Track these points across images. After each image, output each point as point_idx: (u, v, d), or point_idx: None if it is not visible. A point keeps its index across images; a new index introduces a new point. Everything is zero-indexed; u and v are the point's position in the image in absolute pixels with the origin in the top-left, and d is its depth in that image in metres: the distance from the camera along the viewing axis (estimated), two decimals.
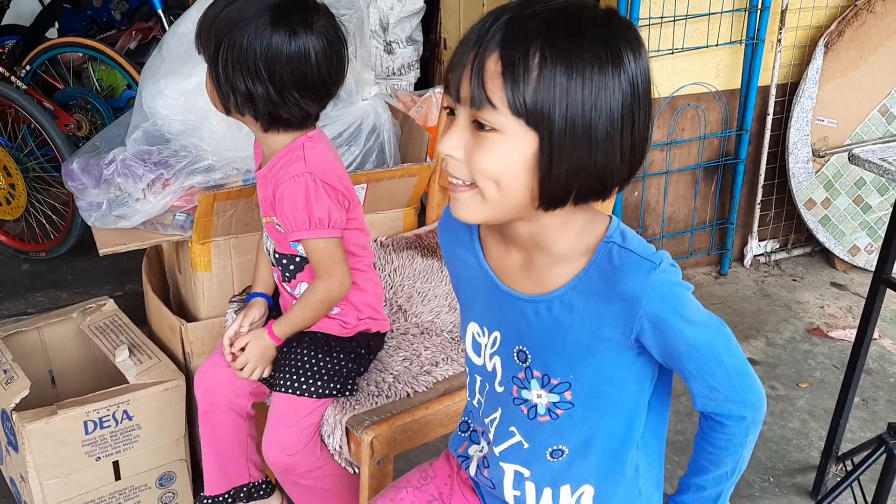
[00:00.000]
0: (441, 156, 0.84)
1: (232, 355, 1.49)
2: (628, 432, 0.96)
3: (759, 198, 3.04)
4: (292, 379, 1.41)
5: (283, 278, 1.50)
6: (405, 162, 1.98)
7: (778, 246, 3.20)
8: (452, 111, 0.84)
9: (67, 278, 2.94)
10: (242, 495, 1.61)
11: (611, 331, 0.88)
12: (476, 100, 0.79)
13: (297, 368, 1.42)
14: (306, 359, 1.43)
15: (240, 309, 1.60)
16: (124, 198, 1.72)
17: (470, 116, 0.81)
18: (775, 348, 2.61)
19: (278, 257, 1.48)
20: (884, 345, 2.63)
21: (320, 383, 1.41)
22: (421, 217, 2.05)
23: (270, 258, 1.52)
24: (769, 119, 2.92)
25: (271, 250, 1.50)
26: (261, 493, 1.63)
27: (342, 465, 1.42)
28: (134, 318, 2.00)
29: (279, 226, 1.41)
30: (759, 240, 3.13)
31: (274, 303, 1.58)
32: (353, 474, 1.42)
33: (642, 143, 0.84)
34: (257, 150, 1.50)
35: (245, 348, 1.46)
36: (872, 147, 1.72)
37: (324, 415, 1.42)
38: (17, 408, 1.67)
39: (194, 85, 1.69)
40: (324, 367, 1.42)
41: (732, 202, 3.03)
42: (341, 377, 1.43)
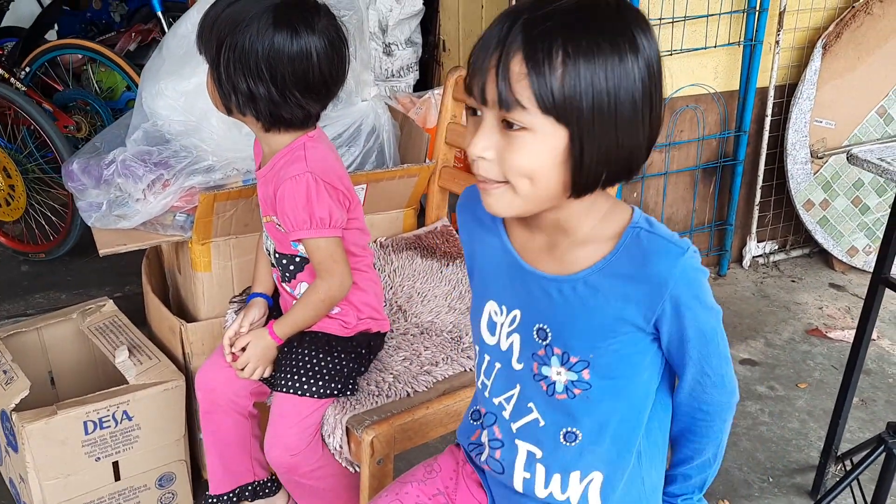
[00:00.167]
0: (472, 158, 0.86)
1: (232, 355, 1.49)
2: (638, 419, 0.99)
3: (758, 199, 3.04)
4: (293, 379, 1.42)
5: (283, 278, 1.50)
6: (405, 163, 1.99)
7: (776, 247, 3.21)
8: (475, 111, 0.86)
9: (67, 279, 2.94)
10: (248, 494, 1.61)
11: (634, 312, 0.91)
12: (505, 102, 0.81)
13: (299, 368, 1.42)
14: (307, 359, 1.43)
15: (240, 309, 1.60)
16: (124, 198, 1.72)
17: (498, 118, 0.83)
18: (774, 349, 2.61)
19: (278, 257, 1.49)
20: (882, 345, 2.63)
21: (321, 383, 1.41)
22: (420, 218, 2.05)
23: (270, 258, 1.52)
24: (767, 120, 2.93)
25: (271, 250, 1.50)
26: (266, 491, 1.62)
27: (342, 464, 1.42)
28: (133, 319, 1.99)
29: (279, 225, 1.41)
30: (758, 241, 3.14)
31: (274, 303, 1.58)
32: (355, 474, 1.43)
33: (658, 119, 0.88)
34: (257, 149, 1.51)
35: (246, 348, 1.46)
36: (871, 147, 1.72)
37: (324, 414, 1.43)
38: (17, 408, 1.67)
39: (194, 86, 1.69)
40: (325, 367, 1.42)
41: (731, 203, 3.04)
42: (342, 377, 1.43)
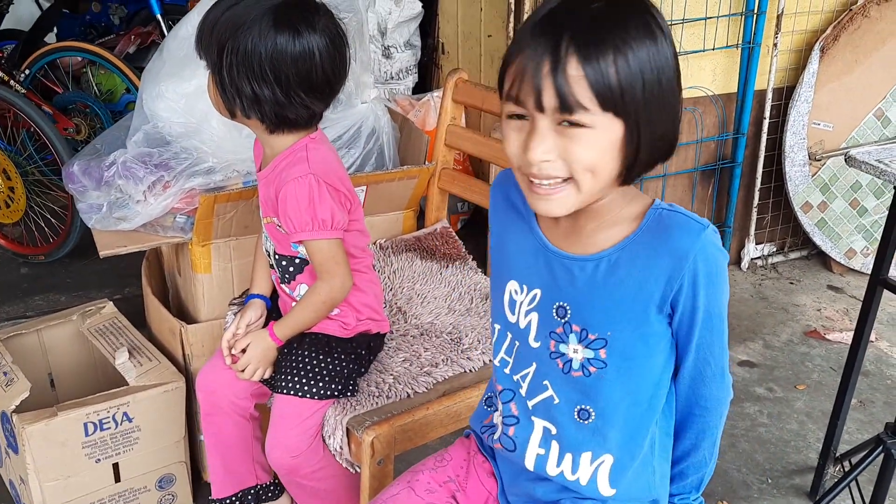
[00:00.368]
0: (534, 163, 0.88)
1: (232, 357, 1.49)
2: (651, 404, 1.01)
3: (756, 201, 3.05)
4: (294, 380, 1.42)
5: (283, 280, 1.51)
6: (404, 165, 1.99)
7: (775, 249, 3.21)
8: (520, 116, 0.88)
9: (66, 281, 2.94)
10: (250, 497, 1.61)
11: (653, 288, 0.94)
12: (566, 107, 0.84)
13: (299, 370, 1.42)
14: (307, 360, 1.43)
15: (240, 311, 1.60)
16: (125, 200, 1.73)
17: (555, 121, 0.86)
18: (773, 351, 2.62)
19: (278, 258, 1.49)
20: (880, 347, 2.64)
21: (322, 384, 1.41)
22: (420, 219, 2.05)
23: (270, 259, 1.52)
24: (766, 123, 2.93)
25: (271, 252, 1.50)
26: (269, 494, 1.62)
27: (343, 465, 1.42)
28: (133, 321, 1.99)
29: (280, 226, 1.41)
30: (756, 243, 3.14)
31: (272, 304, 1.59)
32: (356, 474, 1.43)
33: (681, 93, 0.92)
34: (257, 150, 1.51)
35: (246, 350, 1.46)
36: (868, 149, 1.72)
37: (325, 415, 1.43)
38: (17, 410, 1.67)
39: (195, 88, 1.70)
40: (325, 369, 1.43)
41: (729, 205, 3.04)
42: (342, 378, 1.43)
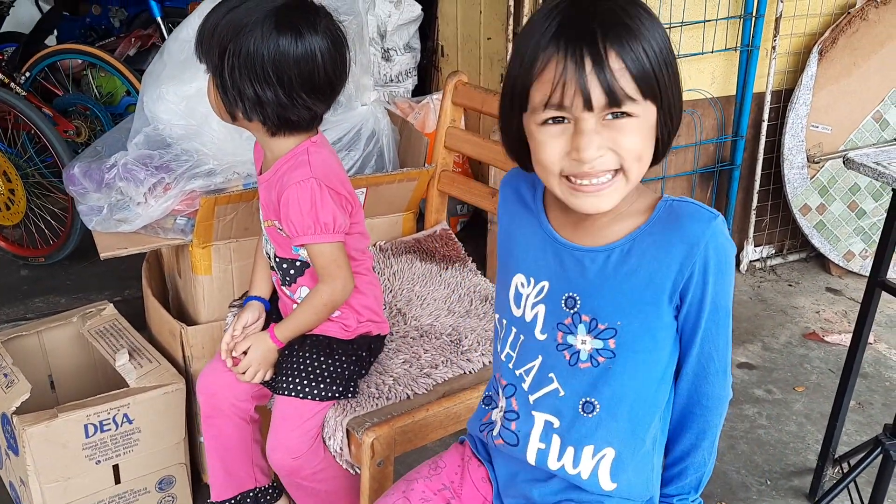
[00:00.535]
0: (587, 161, 0.89)
1: (232, 359, 1.49)
2: (655, 399, 1.02)
3: (755, 203, 3.06)
4: (295, 382, 1.42)
5: (283, 282, 1.51)
6: (404, 167, 1.99)
7: (774, 251, 3.22)
8: (561, 119, 0.90)
9: (66, 284, 2.94)
10: (249, 500, 1.61)
11: (664, 277, 0.95)
12: (615, 100, 0.87)
13: (300, 371, 1.43)
14: (308, 362, 1.44)
15: (238, 313, 1.61)
16: (125, 202, 1.73)
17: (601, 116, 0.88)
18: (772, 353, 2.62)
19: (278, 261, 1.49)
20: (879, 349, 2.64)
21: (322, 386, 1.42)
22: (420, 222, 2.06)
23: (270, 262, 1.53)
24: (764, 125, 2.94)
25: (271, 254, 1.50)
26: (268, 497, 1.62)
27: (343, 466, 1.42)
28: (134, 323, 1.99)
29: (281, 230, 1.42)
30: (755, 245, 3.15)
31: (271, 306, 1.59)
32: (356, 476, 1.43)
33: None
34: (257, 154, 1.51)
35: (247, 352, 1.47)
36: (867, 151, 1.73)
37: (325, 417, 1.43)
38: (18, 411, 1.68)
39: (195, 90, 1.70)
40: (325, 370, 1.43)
41: (728, 208, 3.05)
42: (343, 379, 1.44)
